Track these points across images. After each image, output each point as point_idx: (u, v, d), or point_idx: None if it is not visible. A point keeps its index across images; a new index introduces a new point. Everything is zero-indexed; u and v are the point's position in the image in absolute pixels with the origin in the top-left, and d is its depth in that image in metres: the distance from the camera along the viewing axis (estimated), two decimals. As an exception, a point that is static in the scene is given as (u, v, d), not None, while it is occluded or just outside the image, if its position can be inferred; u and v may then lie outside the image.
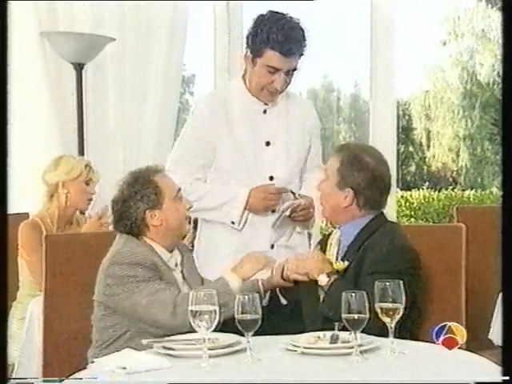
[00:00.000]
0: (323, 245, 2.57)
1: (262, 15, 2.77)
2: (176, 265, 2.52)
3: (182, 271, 2.54)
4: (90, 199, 3.49)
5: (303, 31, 2.74)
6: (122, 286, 2.35)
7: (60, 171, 3.40)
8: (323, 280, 2.36)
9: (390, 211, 4.39)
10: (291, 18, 2.76)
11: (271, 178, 2.86)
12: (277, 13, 2.77)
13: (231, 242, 2.86)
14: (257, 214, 2.85)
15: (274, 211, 2.86)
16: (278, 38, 2.69)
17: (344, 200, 2.48)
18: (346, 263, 2.42)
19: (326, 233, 2.67)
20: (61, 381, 1.91)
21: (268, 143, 2.87)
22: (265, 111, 2.88)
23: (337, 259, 2.46)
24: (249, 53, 2.78)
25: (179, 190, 2.52)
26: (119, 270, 2.37)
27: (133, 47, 4.26)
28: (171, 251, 2.51)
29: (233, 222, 2.84)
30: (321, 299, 2.40)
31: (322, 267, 2.40)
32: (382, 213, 2.54)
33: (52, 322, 2.69)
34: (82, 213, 3.54)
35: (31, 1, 3.97)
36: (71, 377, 1.93)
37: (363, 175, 2.47)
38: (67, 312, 2.68)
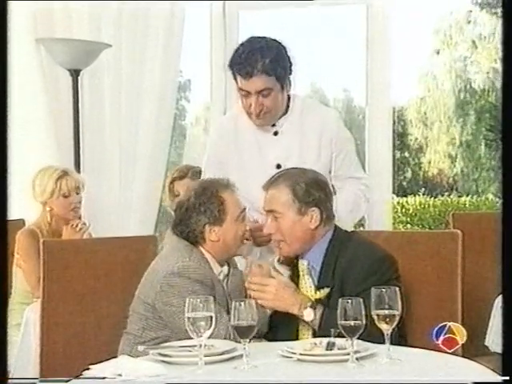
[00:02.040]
0: (294, 278, 2.47)
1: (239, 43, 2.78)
2: (224, 278, 2.51)
3: (226, 283, 2.52)
4: (76, 207, 3.47)
5: (276, 51, 2.71)
6: (179, 298, 2.33)
7: (36, 193, 3.42)
8: (310, 314, 2.31)
9: (386, 218, 4.40)
10: (262, 39, 2.75)
11: None
12: (252, 37, 2.77)
13: None
14: None
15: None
16: (238, 60, 2.70)
17: (311, 222, 2.42)
18: (327, 290, 2.37)
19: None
20: (59, 382, 1.91)
21: (279, 166, 2.82)
22: (275, 133, 2.85)
23: (316, 288, 2.41)
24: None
25: (243, 209, 2.52)
26: (180, 281, 2.37)
27: (129, 53, 4.26)
28: (222, 265, 2.51)
29: None
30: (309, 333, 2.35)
31: (300, 300, 2.34)
32: (336, 225, 2.50)
33: (49, 327, 2.69)
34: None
35: (27, 7, 3.97)
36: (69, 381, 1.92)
37: (319, 189, 2.44)
38: (64, 318, 2.68)
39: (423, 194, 11.23)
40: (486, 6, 10.59)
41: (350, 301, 1.96)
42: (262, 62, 2.67)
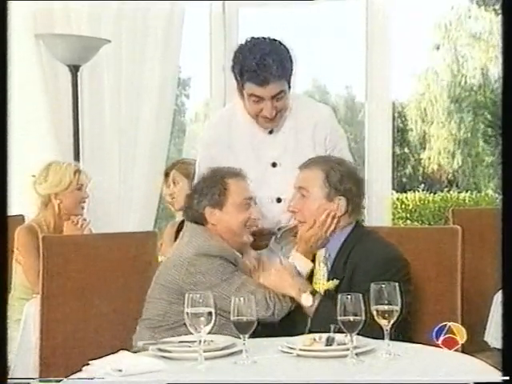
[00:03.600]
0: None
1: (240, 45, 2.74)
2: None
3: None
4: (83, 202, 3.49)
5: (282, 53, 2.70)
6: (209, 276, 2.40)
7: (50, 183, 3.39)
8: (308, 300, 2.33)
9: (386, 213, 4.40)
10: (267, 41, 2.72)
11: (279, 200, 2.83)
12: (253, 39, 2.73)
13: None
14: None
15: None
16: (251, 68, 2.66)
17: (336, 209, 2.45)
18: (336, 282, 2.38)
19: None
20: (58, 381, 1.91)
21: (274, 164, 2.83)
22: (271, 131, 2.84)
23: (328, 278, 2.42)
24: (236, 83, 2.76)
25: (249, 198, 2.56)
26: (206, 260, 2.42)
27: (129, 49, 4.26)
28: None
29: None
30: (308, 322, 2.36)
31: (300, 284, 2.37)
32: (358, 220, 2.53)
33: (49, 323, 2.69)
34: None
35: (27, 2, 3.97)
36: (69, 377, 1.92)
37: (352, 181, 2.46)
38: (64, 313, 2.68)
39: (423, 190, 11.23)
40: (485, 1, 10.59)
41: (349, 296, 1.96)
42: (275, 67, 2.65)
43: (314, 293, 2.34)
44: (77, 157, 3.97)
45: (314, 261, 2.49)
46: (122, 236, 3.04)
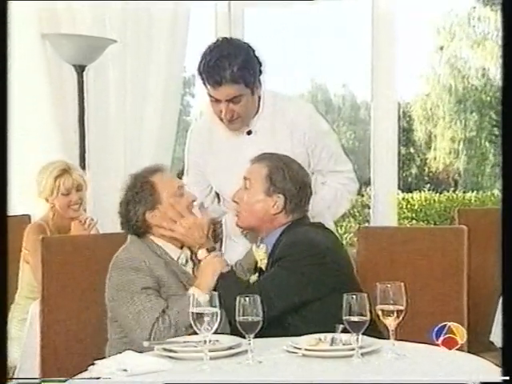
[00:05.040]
0: (252, 261, 2.58)
1: (208, 46, 2.74)
2: (187, 261, 2.54)
3: (193, 267, 2.55)
4: (76, 205, 3.48)
5: (244, 57, 2.68)
6: (118, 291, 2.40)
7: (39, 189, 3.45)
8: (203, 254, 2.46)
9: (391, 213, 4.39)
10: (230, 43, 2.72)
11: None
12: (218, 40, 2.74)
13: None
14: None
15: None
16: (206, 69, 2.67)
17: (273, 207, 2.51)
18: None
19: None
20: (63, 381, 1.91)
21: None
22: (249, 132, 2.84)
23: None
24: None
25: (180, 186, 2.55)
26: (117, 275, 2.41)
27: (134, 49, 4.26)
28: (182, 247, 2.53)
29: None
30: None
31: (204, 242, 2.48)
32: (303, 217, 2.57)
33: (49, 324, 2.69)
34: None
35: (33, 2, 3.97)
36: (74, 377, 1.92)
37: (294, 182, 2.51)
38: (64, 314, 2.67)
39: (428, 190, 11.21)
40: (490, 2, 10.57)
41: (354, 296, 1.96)
42: (230, 71, 2.63)
43: (210, 249, 2.46)
44: (82, 156, 3.98)
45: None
46: (120, 236, 3.03)
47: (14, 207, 3.05)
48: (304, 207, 2.56)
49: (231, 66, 2.64)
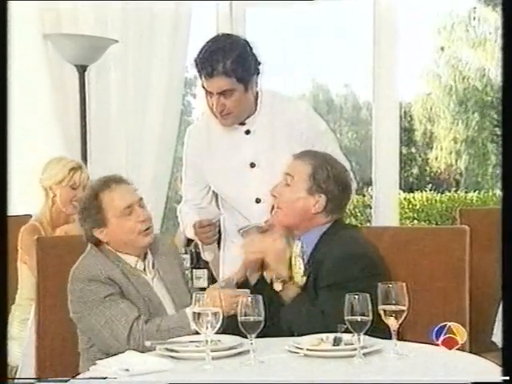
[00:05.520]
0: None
1: (206, 41, 2.76)
2: (144, 268, 2.52)
3: (156, 274, 2.54)
4: (77, 202, 3.48)
5: (240, 52, 2.69)
6: (81, 303, 2.39)
7: (46, 175, 3.42)
8: (278, 287, 2.37)
9: (393, 213, 4.39)
10: (227, 38, 2.74)
11: (258, 201, 2.83)
12: (217, 35, 2.77)
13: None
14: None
15: None
16: (201, 60, 2.69)
17: (313, 206, 2.47)
18: (305, 279, 2.42)
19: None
20: (65, 381, 1.91)
21: (253, 165, 2.83)
22: (247, 132, 2.84)
23: (304, 272, 2.44)
24: None
25: (129, 206, 2.48)
26: (76, 286, 2.40)
27: (136, 49, 4.26)
28: (139, 255, 2.51)
29: None
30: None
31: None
32: (341, 218, 2.54)
33: (45, 324, 2.68)
34: None
35: (35, 2, 3.97)
36: (76, 377, 1.93)
37: (337, 182, 2.48)
38: (60, 315, 2.66)
39: (430, 190, 11.20)
40: (492, 2, 10.56)
41: (356, 296, 1.96)
42: (222, 63, 2.65)
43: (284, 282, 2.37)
44: (84, 156, 3.98)
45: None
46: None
47: (14, 207, 3.05)
48: (343, 208, 2.53)
49: (224, 59, 2.65)
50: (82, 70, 3.98)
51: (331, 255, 2.38)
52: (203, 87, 2.73)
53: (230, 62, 2.65)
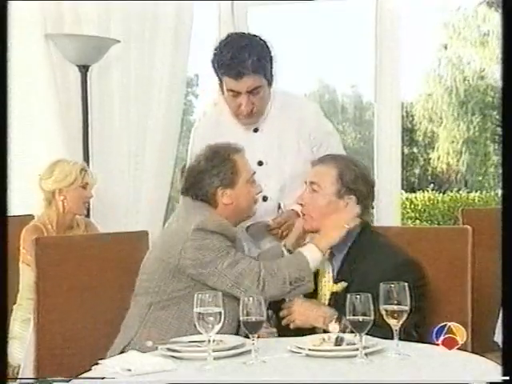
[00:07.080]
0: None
1: (220, 40, 2.75)
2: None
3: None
4: (87, 203, 3.50)
5: (260, 48, 2.69)
6: (203, 251, 2.36)
7: (55, 178, 3.39)
8: (335, 328, 2.21)
9: (395, 213, 4.39)
10: (244, 36, 2.73)
11: (265, 199, 2.83)
12: (232, 34, 2.76)
13: None
14: None
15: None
16: (226, 62, 2.67)
17: (344, 208, 2.44)
18: (345, 284, 2.37)
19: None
20: (67, 381, 1.91)
21: (260, 163, 2.84)
22: (256, 130, 2.84)
23: (335, 280, 2.42)
24: (217, 80, 2.77)
25: (254, 173, 2.55)
26: (204, 235, 2.38)
27: (138, 49, 4.26)
28: (236, 226, 2.56)
29: None
30: None
31: (322, 313, 2.34)
32: (366, 222, 2.52)
33: (44, 324, 2.67)
34: None
35: (37, 2, 3.97)
36: (78, 377, 1.93)
37: (364, 183, 2.46)
38: (59, 314, 2.66)
39: (432, 190, 11.21)
40: (494, 2, 10.56)
41: (358, 296, 1.96)
42: (250, 61, 2.65)
43: (337, 319, 2.26)
44: (86, 156, 3.98)
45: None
46: (114, 236, 3.02)
47: (15, 207, 3.04)
48: (370, 209, 2.52)
49: (251, 56, 2.65)
50: (84, 70, 3.98)
51: (378, 265, 2.33)
52: (229, 90, 2.70)
53: (256, 58, 2.66)
